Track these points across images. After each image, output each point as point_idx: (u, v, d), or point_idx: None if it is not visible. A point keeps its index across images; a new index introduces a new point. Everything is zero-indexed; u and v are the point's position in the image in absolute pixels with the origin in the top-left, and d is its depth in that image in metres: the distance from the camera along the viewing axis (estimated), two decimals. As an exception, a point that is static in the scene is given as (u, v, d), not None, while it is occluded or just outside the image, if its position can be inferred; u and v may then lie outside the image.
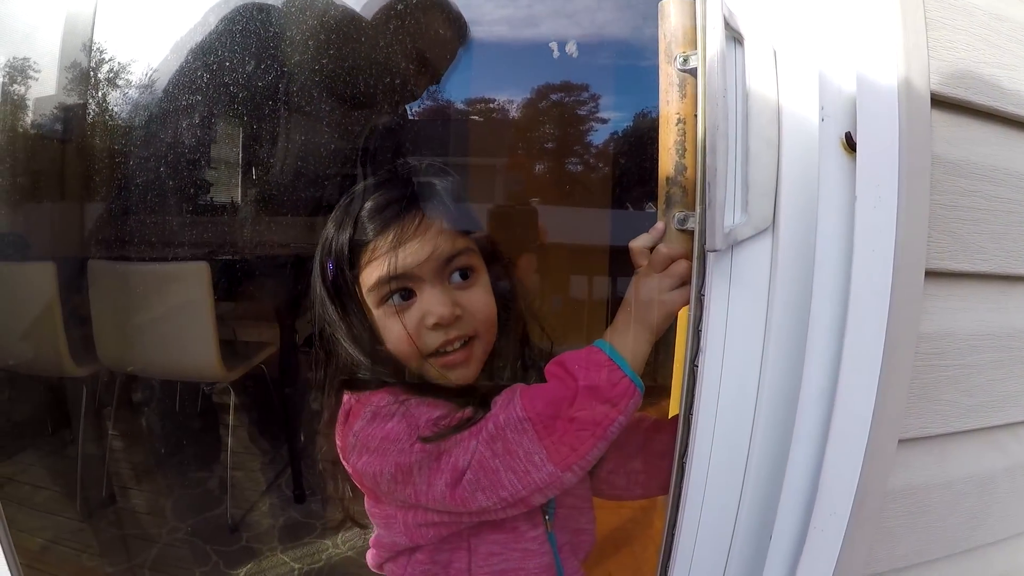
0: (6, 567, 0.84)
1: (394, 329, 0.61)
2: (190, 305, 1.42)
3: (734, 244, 0.54)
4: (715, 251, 0.53)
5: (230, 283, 1.51)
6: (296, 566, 1.35)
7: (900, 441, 0.58)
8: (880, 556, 0.63)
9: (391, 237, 0.60)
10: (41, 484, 1.45)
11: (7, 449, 1.43)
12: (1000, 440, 0.68)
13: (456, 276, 0.62)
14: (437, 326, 0.60)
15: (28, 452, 1.48)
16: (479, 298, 0.63)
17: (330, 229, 0.65)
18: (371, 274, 0.61)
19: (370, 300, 0.62)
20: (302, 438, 1.55)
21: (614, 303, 0.65)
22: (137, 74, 1.28)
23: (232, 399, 1.46)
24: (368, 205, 0.62)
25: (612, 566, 1.30)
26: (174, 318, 1.44)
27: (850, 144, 0.53)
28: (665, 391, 0.64)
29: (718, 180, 0.52)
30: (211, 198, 1.56)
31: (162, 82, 1.24)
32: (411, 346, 0.61)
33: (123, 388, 1.50)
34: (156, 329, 1.46)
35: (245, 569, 1.38)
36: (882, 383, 0.53)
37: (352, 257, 0.62)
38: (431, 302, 0.60)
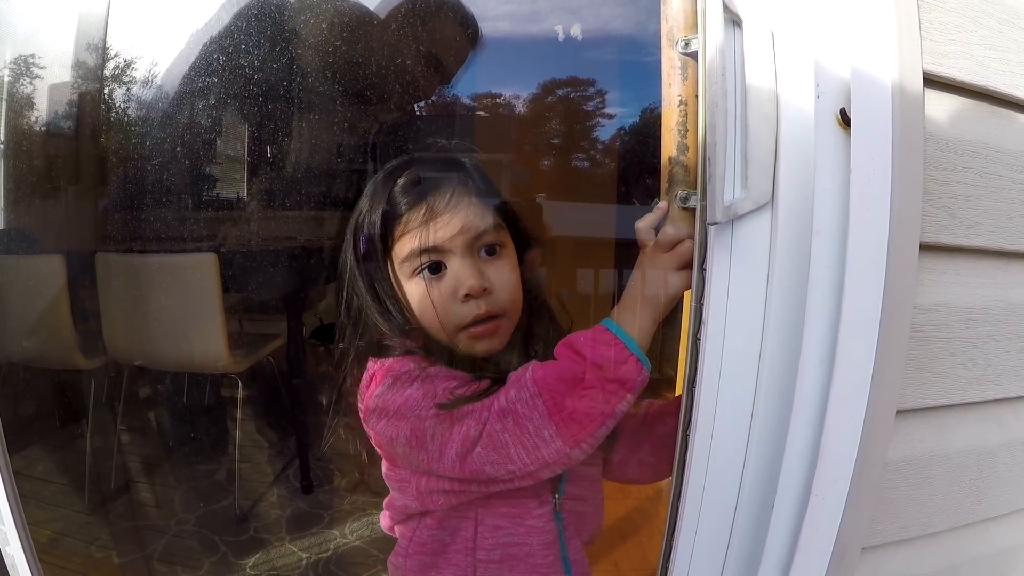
0: (25, 562, 0.88)
1: (425, 301, 0.65)
2: (199, 296, 1.45)
3: (734, 218, 0.57)
4: (716, 224, 0.56)
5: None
6: (304, 555, 1.38)
7: (899, 411, 0.60)
8: (882, 526, 0.65)
9: (423, 211, 0.63)
10: (50, 478, 1.48)
11: (17, 443, 1.46)
12: (999, 415, 0.70)
13: (483, 251, 0.66)
14: (467, 298, 0.64)
15: (37, 445, 1.52)
16: (506, 274, 0.66)
17: (363, 203, 0.68)
18: (404, 247, 0.65)
19: (402, 272, 0.66)
20: (309, 429, 1.58)
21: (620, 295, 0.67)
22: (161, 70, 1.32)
23: (240, 390, 1.49)
24: (401, 180, 0.66)
25: (619, 555, 1.33)
26: (183, 309, 1.48)
27: (845, 120, 0.55)
28: (671, 383, 0.66)
29: (717, 156, 0.55)
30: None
31: (179, 77, 1.28)
32: (441, 317, 0.64)
33: (131, 380, 1.54)
34: (165, 320, 1.49)
35: (253, 559, 1.41)
36: (879, 352, 0.55)
37: (385, 230, 0.65)
38: (462, 274, 0.64)
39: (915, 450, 0.64)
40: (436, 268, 0.65)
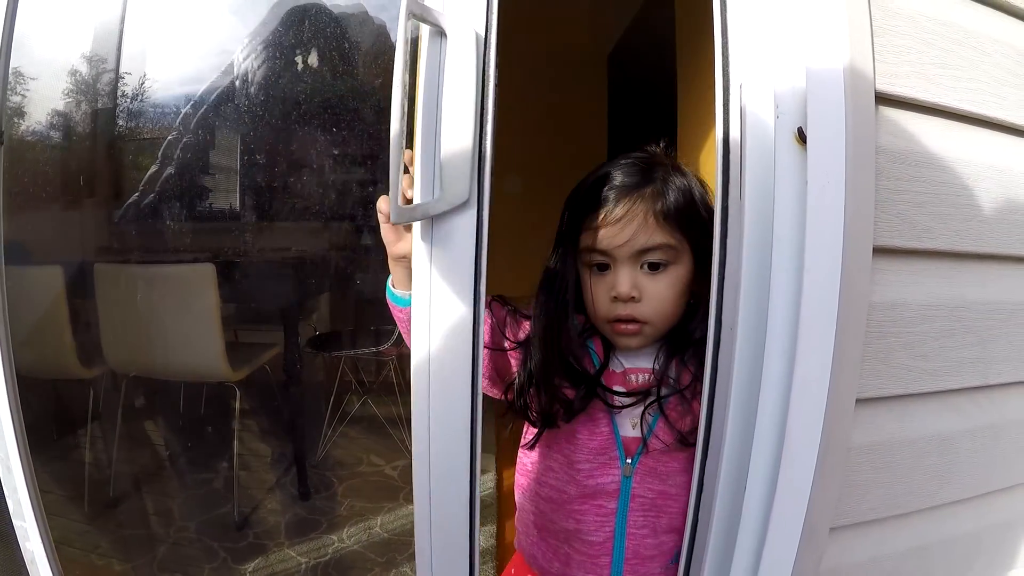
0: (44, 557, 0.96)
1: (588, 289, 0.79)
2: (197, 306, 1.54)
3: (434, 217, 0.64)
4: (412, 221, 0.65)
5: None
6: (303, 560, 1.47)
7: (859, 400, 0.70)
8: (849, 507, 0.75)
9: (602, 216, 0.75)
10: (48, 488, 1.56)
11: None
12: (958, 404, 0.80)
13: (646, 266, 0.75)
14: (615, 299, 0.75)
15: (35, 455, 1.60)
16: (659, 291, 0.76)
17: (582, 183, 0.80)
18: (584, 239, 0.77)
19: (581, 257, 0.79)
20: (305, 436, 1.66)
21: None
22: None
23: (238, 399, 1.57)
24: (596, 179, 0.78)
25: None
26: (182, 319, 1.57)
27: (802, 137, 0.65)
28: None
29: (391, 161, 0.60)
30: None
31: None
32: (595, 305, 0.78)
33: (129, 390, 1.62)
34: (163, 330, 1.58)
35: (253, 564, 1.49)
36: (837, 345, 0.65)
37: (580, 215, 0.78)
38: (619, 279, 0.75)
39: (878, 436, 0.74)
40: (603, 267, 0.77)
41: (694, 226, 0.76)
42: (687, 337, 0.79)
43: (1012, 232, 0.81)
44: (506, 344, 0.85)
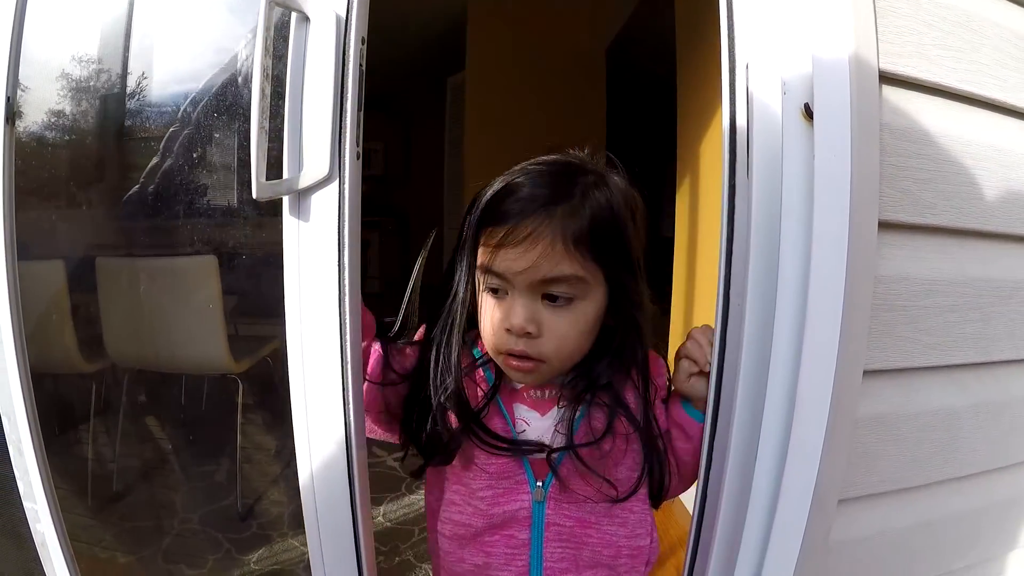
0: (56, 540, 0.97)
1: (482, 311, 0.69)
2: (200, 298, 1.56)
3: (300, 192, 0.72)
4: (270, 198, 0.71)
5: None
6: (306, 550, 1.47)
7: (865, 371, 0.72)
8: (857, 479, 0.77)
9: (502, 234, 0.63)
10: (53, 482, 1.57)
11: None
12: (962, 379, 0.82)
13: (546, 298, 0.65)
14: (508, 332, 0.65)
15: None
16: (561, 328, 0.65)
17: (485, 189, 0.68)
18: (481, 255, 0.67)
19: (478, 273, 0.69)
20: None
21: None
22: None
23: (240, 391, 1.59)
24: (502, 187, 0.66)
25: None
26: (184, 312, 1.58)
27: (809, 113, 0.67)
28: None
29: (253, 141, 0.67)
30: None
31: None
32: (488, 333, 0.68)
33: (131, 383, 1.63)
34: (166, 323, 1.59)
35: (257, 554, 1.50)
36: (844, 315, 0.67)
37: (480, 226, 0.67)
38: (512, 309, 0.65)
39: (883, 408, 0.76)
40: (497, 291, 0.67)
41: (612, 253, 0.66)
42: (592, 381, 0.70)
43: (1013, 212, 0.83)
44: (393, 376, 0.76)
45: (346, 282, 0.71)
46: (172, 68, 1.47)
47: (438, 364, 0.71)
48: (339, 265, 0.71)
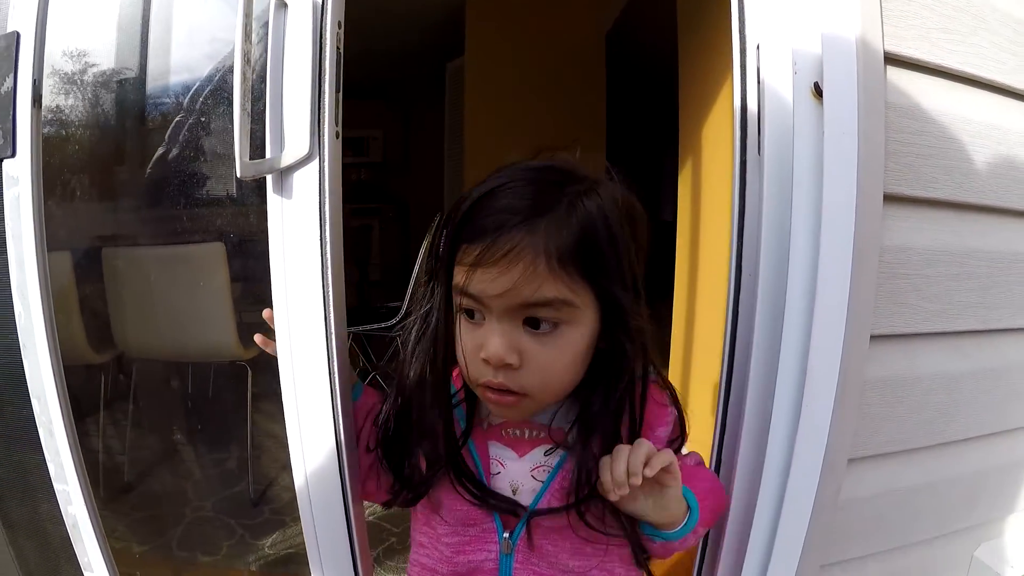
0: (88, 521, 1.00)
1: (459, 337, 0.60)
2: (208, 285, 1.58)
3: (281, 171, 0.75)
4: (253, 177, 0.75)
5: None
6: (323, 533, 1.51)
7: (872, 336, 0.77)
8: (865, 439, 0.82)
9: (477, 251, 0.55)
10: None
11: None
12: (962, 346, 0.87)
13: (529, 321, 0.57)
14: (486, 362, 0.57)
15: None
16: (546, 359, 0.57)
17: (463, 198, 0.59)
18: (456, 273, 0.58)
19: (453, 294, 0.60)
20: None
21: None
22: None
23: (250, 378, 1.62)
24: (479, 196, 0.57)
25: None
26: (192, 299, 1.61)
27: (818, 92, 0.71)
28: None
29: (235, 123, 0.71)
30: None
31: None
32: (464, 361, 0.60)
33: (141, 372, 1.66)
34: (175, 310, 1.62)
35: (271, 539, 1.54)
36: (853, 281, 0.72)
37: (456, 240, 0.58)
38: (489, 336, 0.57)
39: (889, 371, 0.81)
40: (473, 314, 0.59)
41: (604, 271, 0.57)
42: (585, 424, 0.61)
43: (1011, 187, 0.88)
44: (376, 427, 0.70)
45: (328, 256, 0.75)
46: (175, 59, 1.49)
47: (411, 393, 0.65)
48: (320, 240, 0.75)
